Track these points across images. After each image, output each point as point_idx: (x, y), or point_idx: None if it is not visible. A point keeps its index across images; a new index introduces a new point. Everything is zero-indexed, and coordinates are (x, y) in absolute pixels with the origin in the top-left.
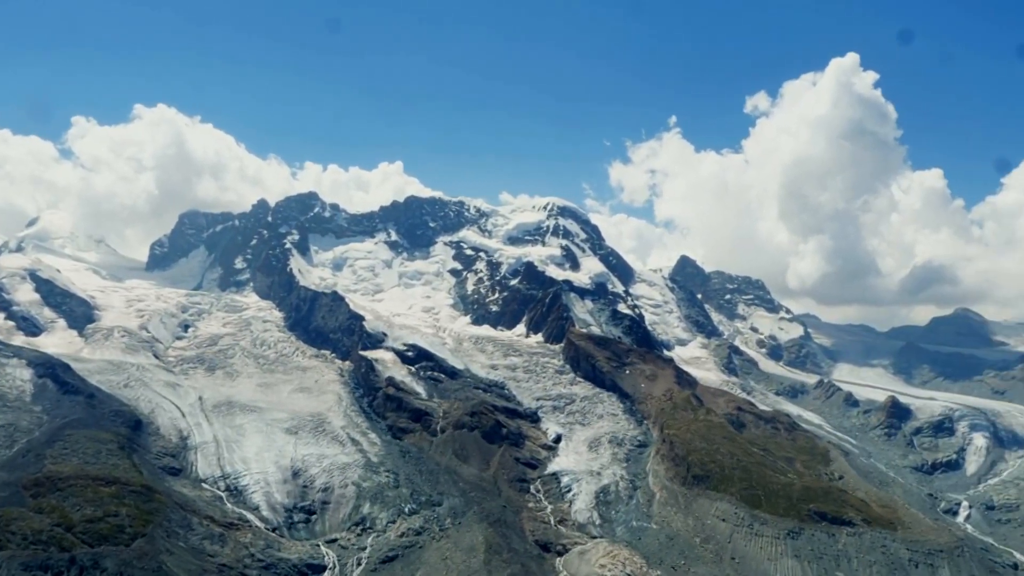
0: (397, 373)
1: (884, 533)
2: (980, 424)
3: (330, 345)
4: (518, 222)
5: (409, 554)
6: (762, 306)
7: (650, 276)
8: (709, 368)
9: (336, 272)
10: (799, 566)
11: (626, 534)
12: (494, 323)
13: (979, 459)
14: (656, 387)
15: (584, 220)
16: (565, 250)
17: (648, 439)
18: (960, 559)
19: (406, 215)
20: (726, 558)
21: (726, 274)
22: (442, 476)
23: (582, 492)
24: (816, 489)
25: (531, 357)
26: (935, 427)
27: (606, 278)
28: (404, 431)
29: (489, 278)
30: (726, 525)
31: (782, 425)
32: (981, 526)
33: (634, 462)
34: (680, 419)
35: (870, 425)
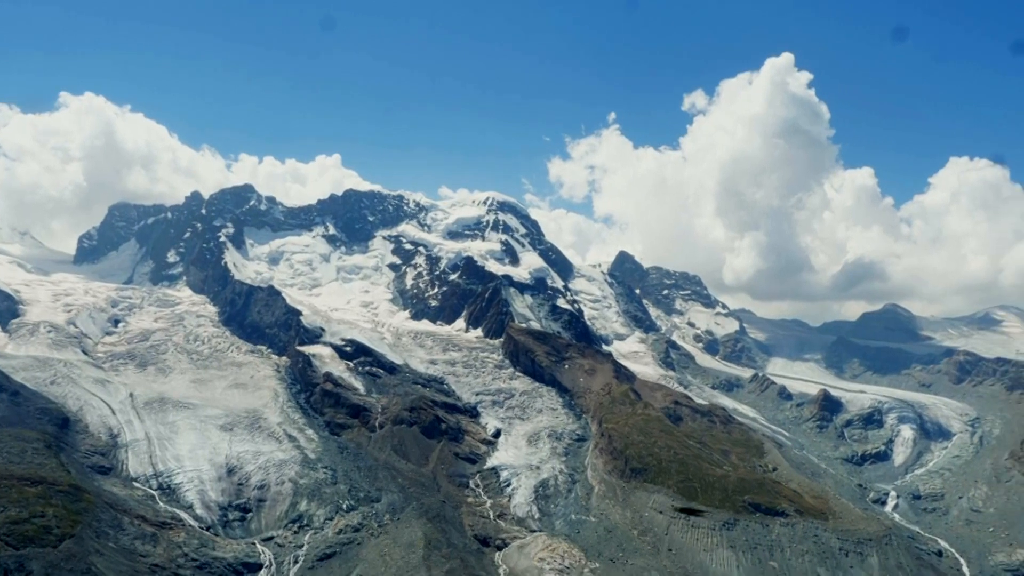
0: (335, 368)
1: (816, 523)
2: (907, 416)
3: (266, 340)
4: (458, 217)
5: (347, 551)
6: (699, 301)
7: (589, 271)
8: (647, 362)
9: (272, 266)
10: (734, 556)
11: (565, 527)
12: (433, 318)
13: (906, 450)
14: (595, 381)
15: (524, 215)
16: (505, 245)
17: (587, 433)
18: (888, 547)
19: (344, 209)
20: (663, 549)
21: (664, 270)
22: (381, 472)
23: (521, 486)
24: (751, 481)
25: (470, 352)
26: (865, 419)
27: (546, 273)
28: (342, 427)
29: (429, 273)
30: (663, 517)
31: (718, 418)
32: (908, 515)
33: (573, 456)
34: (618, 413)
35: (803, 418)
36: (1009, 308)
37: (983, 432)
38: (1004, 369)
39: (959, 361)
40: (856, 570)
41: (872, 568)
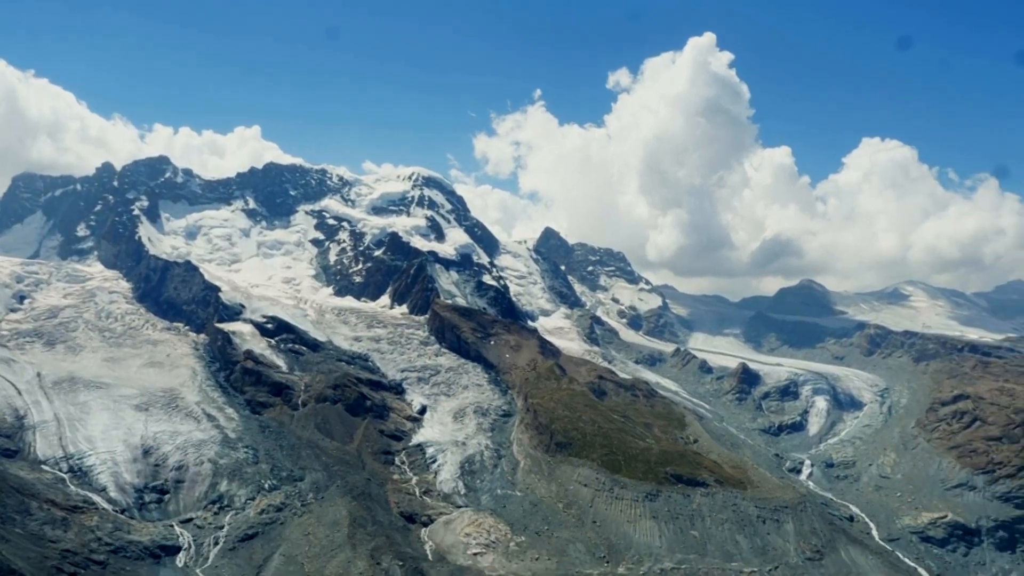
0: (256, 346)
1: (735, 492)
2: (822, 388)
3: (183, 317)
4: (382, 192)
5: (270, 531)
6: (623, 277)
7: (515, 248)
8: (572, 338)
9: (190, 241)
10: (656, 527)
11: (491, 502)
12: (358, 294)
13: (820, 421)
14: (520, 357)
15: (449, 191)
16: (430, 221)
17: (512, 408)
18: (803, 514)
19: (265, 182)
20: (588, 522)
21: (589, 246)
22: (304, 451)
23: (447, 463)
24: (672, 453)
25: (395, 328)
26: (781, 391)
27: (471, 249)
28: (264, 406)
29: (352, 248)
30: (588, 490)
31: (641, 392)
32: (822, 483)
33: (499, 431)
34: (544, 388)
35: (723, 391)
36: (916, 283)
37: (892, 402)
38: (911, 342)
39: (870, 334)
40: (773, 536)
41: (788, 534)
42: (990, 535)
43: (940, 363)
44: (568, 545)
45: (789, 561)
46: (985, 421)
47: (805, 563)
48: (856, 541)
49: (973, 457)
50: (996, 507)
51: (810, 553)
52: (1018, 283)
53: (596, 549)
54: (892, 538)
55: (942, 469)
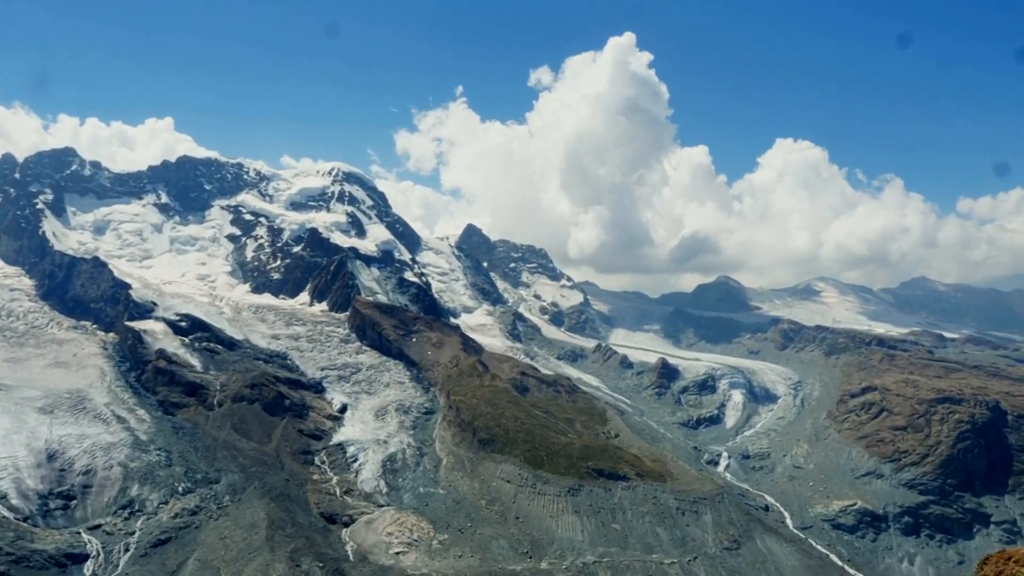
0: (169, 345)
1: (655, 485)
2: (738, 382)
3: (91, 315)
4: (301, 187)
5: (184, 536)
6: (545, 274)
7: (437, 244)
8: (494, 335)
9: (98, 236)
10: (579, 521)
11: (413, 501)
12: (276, 291)
13: (737, 413)
14: (443, 354)
15: (370, 187)
16: (351, 217)
17: (435, 406)
18: (721, 505)
19: (178, 176)
20: (511, 518)
21: (511, 243)
22: (220, 452)
23: (369, 461)
24: (594, 448)
25: (315, 326)
26: (699, 386)
27: (393, 246)
28: (177, 406)
29: (270, 244)
30: (511, 486)
31: (563, 388)
32: (738, 474)
33: (421, 429)
34: (466, 385)
35: (643, 385)
36: (827, 280)
37: (804, 394)
38: (823, 336)
39: (783, 329)
40: (692, 528)
41: (706, 525)
42: (896, 521)
43: (849, 356)
44: (491, 542)
45: (708, 551)
46: (891, 412)
47: (723, 553)
48: (771, 530)
49: (880, 446)
50: (902, 494)
51: (728, 543)
52: (922, 279)
53: (519, 545)
54: (805, 526)
55: (851, 458)
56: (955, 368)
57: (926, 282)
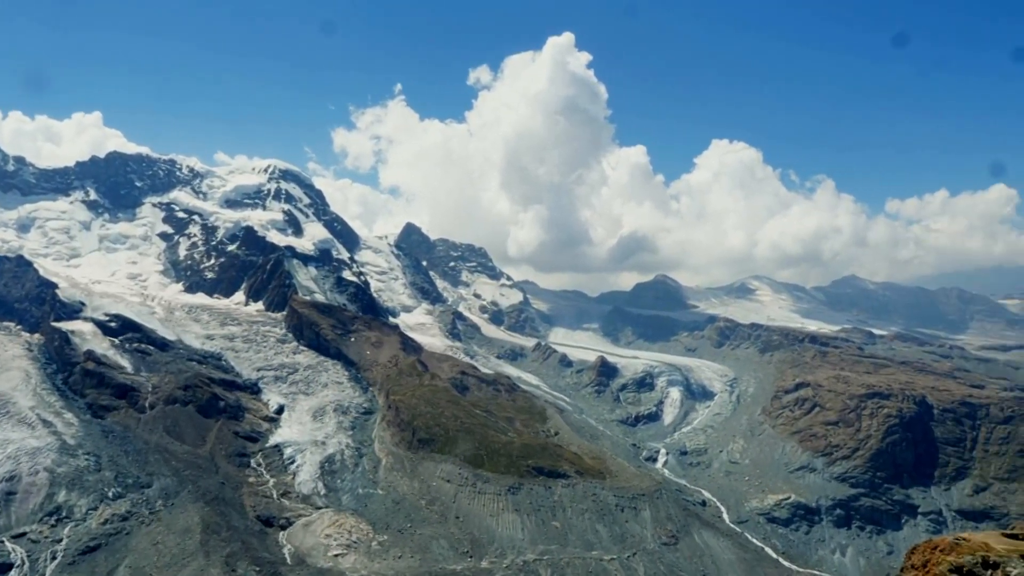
0: (98, 346)
1: (595, 482)
2: (676, 379)
3: (15, 316)
4: (236, 184)
5: (114, 542)
6: (484, 273)
7: (376, 243)
8: (434, 334)
9: (22, 234)
10: (519, 519)
11: (352, 502)
12: (210, 291)
13: (675, 410)
14: (382, 354)
15: (308, 184)
16: (287, 215)
17: (374, 406)
18: (659, 501)
19: (108, 172)
20: (451, 518)
21: (450, 242)
22: (152, 456)
23: (306, 463)
24: (534, 446)
25: (251, 326)
26: (638, 383)
27: (331, 244)
28: (107, 409)
29: (204, 243)
30: (451, 486)
31: (503, 387)
32: (676, 470)
33: (360, 430)
34: (405, 385)
35: (582, 383)
36: (762, 278)
37: (740, 391)
38: (757, 333)
39: (720, 327)
40: (631, 524)
41: (645, 521)
42: (829, 513)
43: (783, 353)
44: (431, 541)
45: (646, 547)
46: (823, 407)
47: (661, 548)
48: (708, 525)
49: (813, 441)
50: (834, 487)
51: (666, 538)
52: (852, 278)
53: (459, 544)
54: (741, 520)
55: (785, 453)
56: (884, 364)
57: (856, 280)
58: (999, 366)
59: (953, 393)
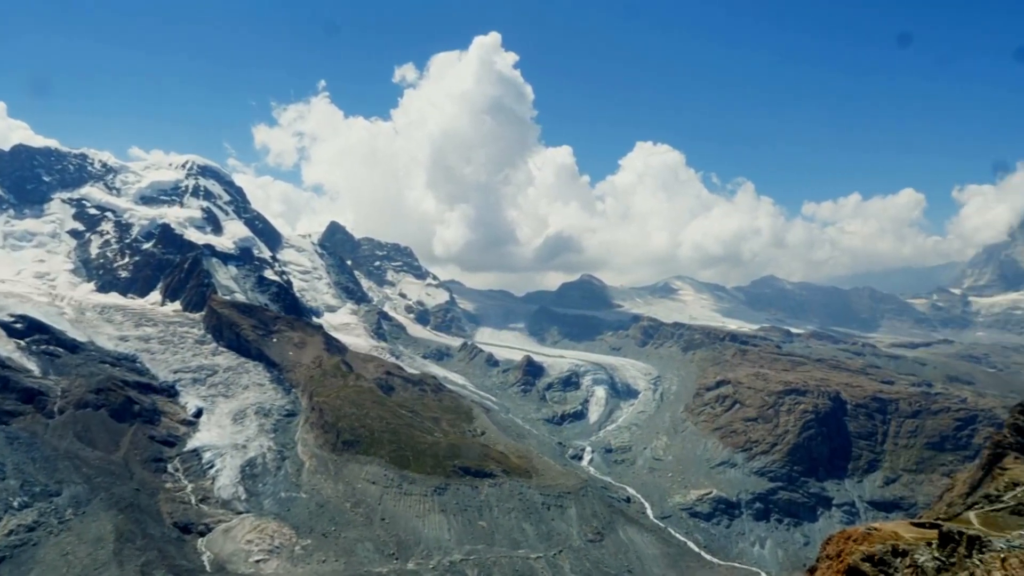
0: (2, 348)
1: (521, 481)
2: (601, 378)
3: None
4: (152, 180)
5: (20, 554)
6: (410, 272)
7: (299, 241)
8: (359, 334)
9: None
10: (445, 520)
11: (274, 506)
12: (124, 290)
13: (600, 409)
14: (305, 355)
15: (228, 181)
16: (206, 212)
17: (297, 408)
18: (585, 498)
19: (13, 166)
20: (376, 520)
21: (375, 241)
22: (61, 462)
23: (226, 467)
24: (461, 446)
25: (167, 327)
26: (564, 382)
27: (252, 243)
28: (11, 414)
29: (118, 241)
30: (376, 488)
31: (429, 387)
32: (601, 467)
33: (282, 432)
34: (330, 386)
35: (508, 383)
36: (684, 278)
37: (663, 389)
38: (680, 332)
39: (644, 326)
40: (557, 522)
41: (571, 519)
42: (748, 507)
43: (705, 352)
44: (356, 545)
45: (573, 544)
46: (743, 404)
47: (587, 545)
48: (633, 521)
49: (733, 437)
50: (753, 481)
51: (592, 535)
52: (771, 278)
53: (385, 547)
54: (665, 515)
55: (707, 449)
56: (800, 362)
57: (774, 280)
58: (908, 362)
59: (865, 389)
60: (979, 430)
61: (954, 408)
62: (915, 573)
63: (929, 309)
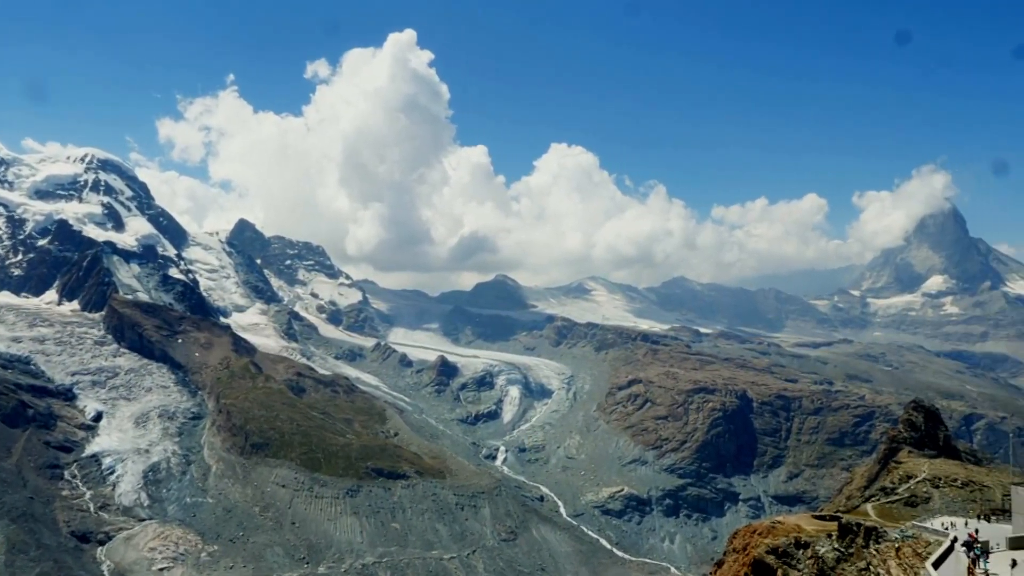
0: None
1: (435, 482)
2: (515, 378)
3: None
4: (48, 174)
5: None
6: (322, 272)
7: (206, 239)
8: (268, 334)
9: None
10: (357, 522)
11: (179, 512)
12: (16, 289)
13: (514, 408)
14: (212, 356)
15: (130, 176)
16: (107, 208)
17: (203, 410)
18: (498, 498)
19: None
20: (286, 524)
21: (286, 239)
22: None
23: (128, 473)
24: (373, 447)
25: (64, 327)
26: (478, 382)
27: (156, 240)
28: None
29: (10, 237)
30: (286, 491)
31: (341, 388)
32: (515, 467)
33: (188, 436)
34: (238, 388)
35: (422, 383)
36: (598, 279)
37: (576, 388)
38: (593, 332)
39: (558, 326)
40: (471, 522)
41: (485, 518)
42: (659, 503)
43: (617, 351)
44: (265, 550)
45: (486, 544)
46: (654, 402)
47: (501, 544)
48: (546, 519)
49: (644, 435)
50: (663, 478)
51: (505, 534)
52: (681, 279)
53: (295, 551)
54: (578, 513)
55: (619, 447)
56: (709, 361)
57: (685, 282)
58: (810, 361)
59: (770, 387)
60: (876, 426)
61: (853, 405)
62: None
63: (830, 310)
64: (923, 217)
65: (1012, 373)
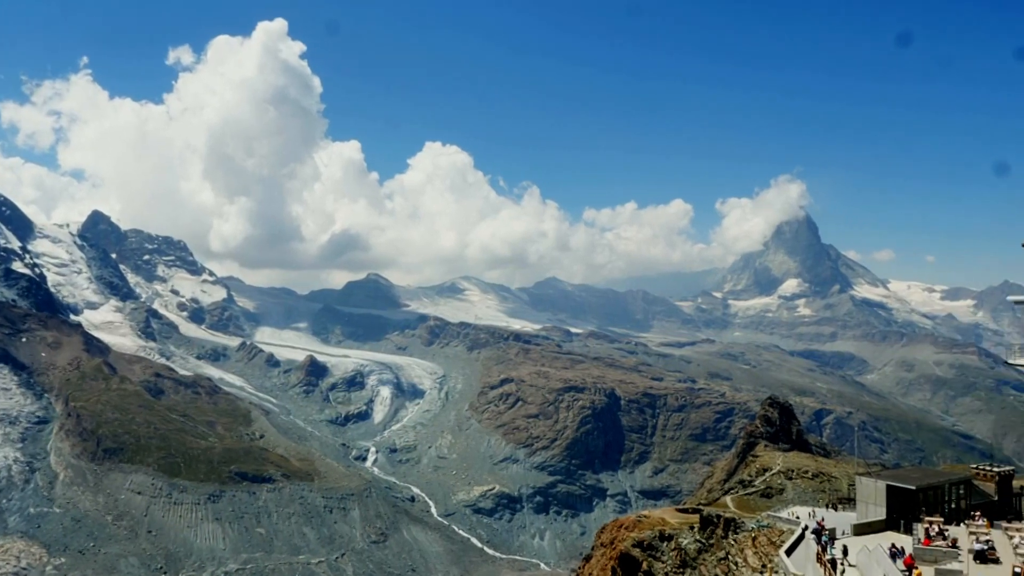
0: None
1: (302, 485)
2: (387, 378)
3: None
4: None
5: None
6: (184, 268)
7: (55, 232)
8: (124, 333)
9: None
10: (220, 528)
11: (22, 524)
12: None
13: (385, 409)
14: (60, 356)
15: None
16: None
17: (50, 414)
18: (368, 499)
19: None
20: (142, 532)
21: (145, 233)
22: None
23: None
24: (237, 450)
25: None
26: (348, 382)
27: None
28: None
29: None
30: (142, 498)
31: (203, 389)
32: (386, 467)
33: (32, 441)
34: (89, 390)
35: (290, 384)
36: (471, 279)
37: (449, 388)
38: (466, 332)
39: (430, 326)
40: (340, 524)
41: (354, 521)
42: (529, 501)
43: (490, 351)
44: (119, 560)
45: (356, 547)
46: (526, 401)
47: (371, 546)
48: (417, 520)
49: (516, 433)
50: (534, 476)
51: (375, 536)
52: (553, 280)
53: (152, 561)
54: (449, 513)
55: (491, 446)
56: (579, 360)
57: (557, 282)
58: (675, 360)
59: (637, 385)
60: (735, 422)
61: (714, 402)
62: (679, 555)
63: (694, 311)
64: (780, 224)
65: (858, 371)
